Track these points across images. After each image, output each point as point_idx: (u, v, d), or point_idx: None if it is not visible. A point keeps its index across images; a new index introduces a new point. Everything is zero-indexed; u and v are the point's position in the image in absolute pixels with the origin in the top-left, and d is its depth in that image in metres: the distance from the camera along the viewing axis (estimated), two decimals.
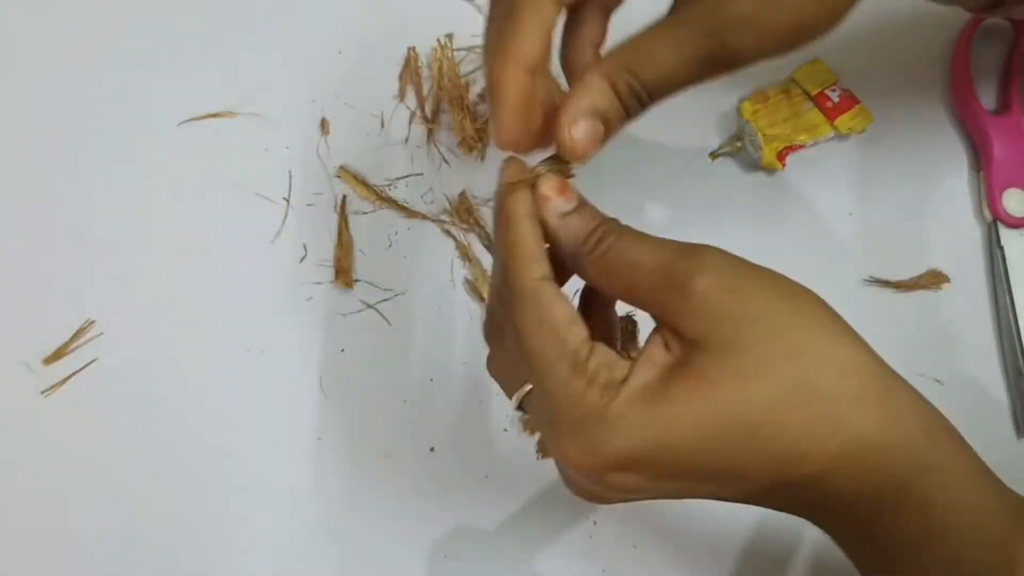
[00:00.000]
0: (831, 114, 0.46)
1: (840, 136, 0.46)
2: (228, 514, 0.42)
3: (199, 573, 0.42)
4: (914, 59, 0.48)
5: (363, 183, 0.46)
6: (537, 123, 0.30)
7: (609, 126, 0.30)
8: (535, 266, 0.28)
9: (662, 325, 0.28)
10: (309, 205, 0.46)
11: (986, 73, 0.48)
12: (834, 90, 0.46)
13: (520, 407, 0.30)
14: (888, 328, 0.44)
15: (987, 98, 0.48)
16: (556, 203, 0.29)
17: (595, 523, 0.42)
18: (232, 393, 0.44)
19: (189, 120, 0.47)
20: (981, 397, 0.44)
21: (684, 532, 0.42)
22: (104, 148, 0.46)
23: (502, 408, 0.44)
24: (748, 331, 0.26)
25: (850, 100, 0.46)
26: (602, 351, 0.28)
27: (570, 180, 0.31)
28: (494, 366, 0.32)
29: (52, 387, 0.43)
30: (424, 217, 0.45)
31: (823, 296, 0.44)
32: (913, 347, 0.44)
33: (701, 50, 0.29)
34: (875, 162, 0.48)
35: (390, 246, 0.46)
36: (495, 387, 0.44)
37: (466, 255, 0.45)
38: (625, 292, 0.28)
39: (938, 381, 0.44)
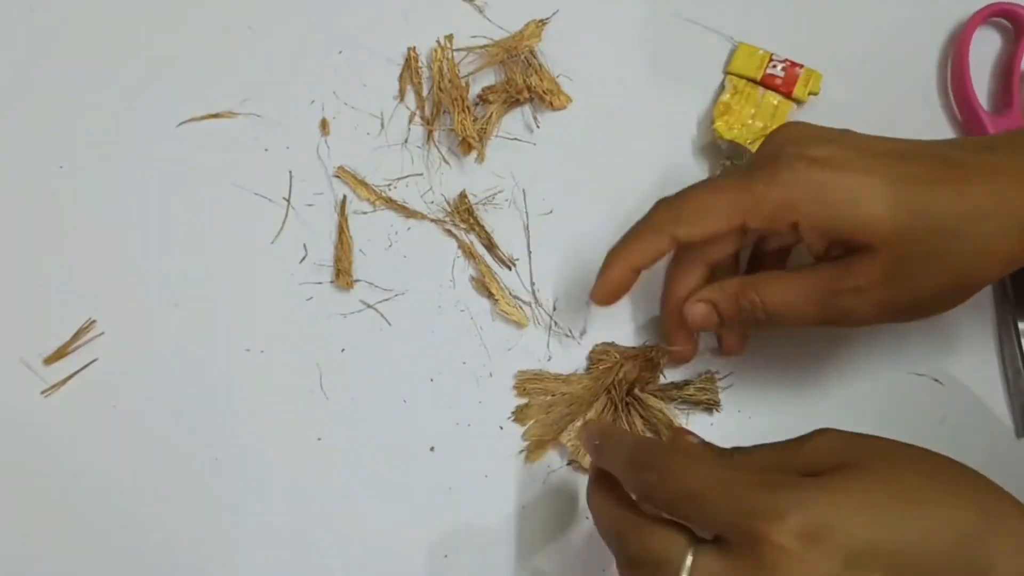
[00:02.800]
0: (784, 89, 0.46)
1: (802, 104, 0.46)
2: (228, 514, 0.42)
3: (199, 573, 0.42)
4: (913, 58, 0.48)
5: (363, 183, 0.46)
6: (613, 300, 0.40)
7: (721, 320, 0.39)
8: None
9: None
10: (309, 205, 0.46)
11: (986, 73, 0.48)
12: (774, 66, 0.46)
13: None
14: (888, 328, 0.44)
15: (987, 98, 0.48)
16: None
17: None
18: (232, 393, 0.44)
19: (189, 120, 0.47)
20: (981, 397, 0.44)
21: None
22: (104, 148, 0.46)
23: (502, 408, 0.44)
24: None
25: (794, 67, 0.46)
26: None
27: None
28: (655, 546, 0.31)
29: (52, 387, 0.43)
30: (424, 217, 0.45)
31: None
32: (913, 347, 0.44)
33: (820, 303, 0.36)
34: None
35: (390, 246, 0.46)
36: (495, 386, 0.44)
37: (470, 253, 0.45)
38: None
39: (938, 381, 0.44)
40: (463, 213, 0.45)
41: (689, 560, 0.29)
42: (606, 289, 0.40)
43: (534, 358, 0.44)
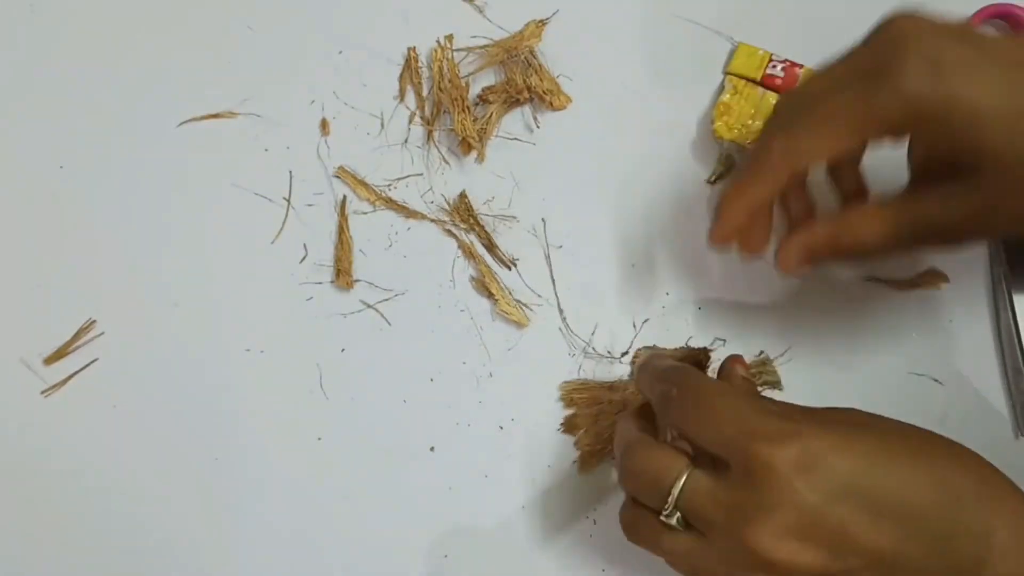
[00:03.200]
0: (784, 89, 0.45)
1: None
2: (228, 514, 0.42)
3: (199, 573, 0.42)
4: None
5: (363, 183, 0.46)
6: (734, 238, 0.38)
7: (813, 263, 0.37)
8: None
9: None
10: (309, 205, 0.46)
11: None
12: (774, 66, 0.46)
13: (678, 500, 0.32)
14: (887, 328, 0.44)
15: None
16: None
17: (595, 523, 0.43)
18: (232, 393, 0.44)
19: (189, 120, 0.47)
20: (981, 397, 0.44)
21: None
22: (104, 148, 0.46)
23: (502, 408, 0.44)
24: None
25: (793, 67, 0.46)
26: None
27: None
28: (653, 461, 0.33)
29: (53, 387, 0.43)
30: (424, 217, 0.45)
31: (821, 294, 0.44)
32: (913, 347, 0.44)
33: (919, 235, 0.35)
34: (874, 162, 0.48)
35: (390, 246, 0.46)
36: (495, 386, 0.44)
37: (470, 253, 0.45)
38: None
39: (937, 381, 0.44)
40: (463, 213, 0.45)
41: (684, 477, 0.31)
42: (725, 232, 0.37)
43: (535, 358, 0.44)
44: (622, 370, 0.44)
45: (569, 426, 0.43)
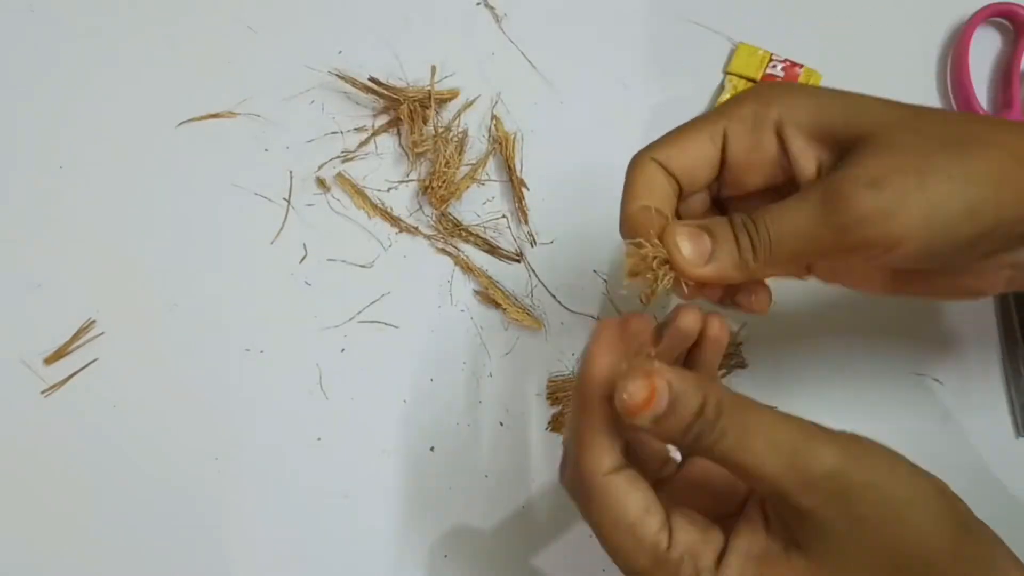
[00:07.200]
0: None
1: None
2: (228, 514, 0.42)
3: (198, 573, 0.42)
4: (913, 58, 0.48)
5: (360, 192, 0.46)
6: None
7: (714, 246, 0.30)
8: (606, 458, 0.27)
9: (767, 500, 0.27)
10: (309, 205, 0.46)
11: (986, 73, 0.48)
12: (774, 66, 0.46)
13: None
14: (888, 328, 0.44)
15: (987, 98, 0.48)
16: (646, 413, 0.26)
17: None
18: (232, 393, 0.44)
19: (189, 120, 0.47)
20: (981, 397, 0.44)
21: None
22: (104, 148, 0.46)
23: (502, 407, 0.44)
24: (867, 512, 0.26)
25: (793, 67, 0.46)
26: (682, 538, 0.27)
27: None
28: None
29: (52, 387, 0.43)
30: (416, 231, 0.45)
31: (821, 294, 0.44)
32: (913, 347, 0.44)
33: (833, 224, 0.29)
34: None
35: (390, 246, 0.46)
36: (494, 386, 0.44)
37: (467, 268, 0.45)
38: (734, 473, 0.27)
39: (938, 381, 0.44)
40: (450, 228, 0.45)
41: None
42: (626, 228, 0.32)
43: (534, 358, 0.44)
44: None
45: (556, 424, 0.43)
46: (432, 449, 0.43)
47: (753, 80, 0.46)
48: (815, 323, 0.45)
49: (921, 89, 0.48)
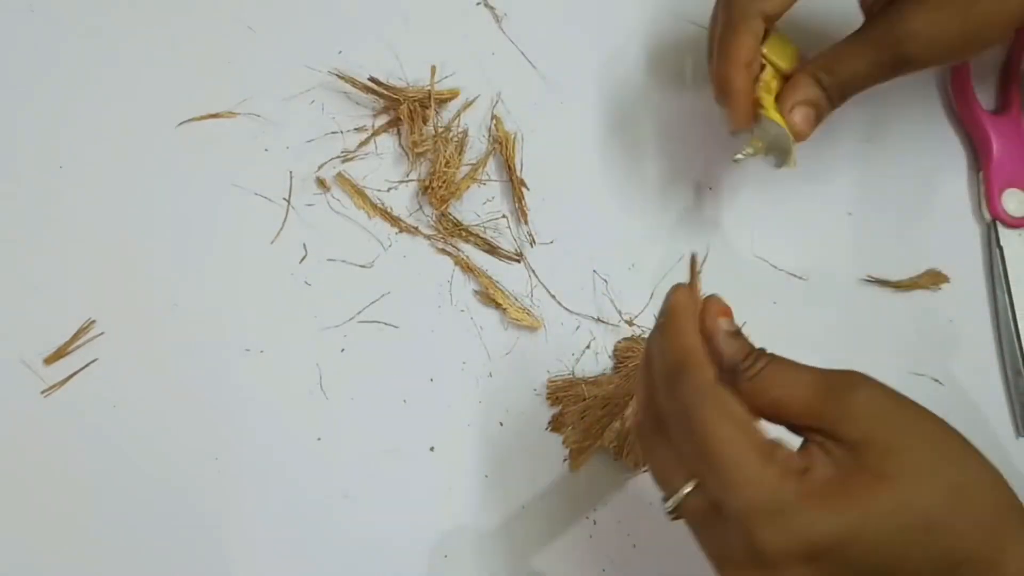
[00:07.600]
0: None
1: None
2: (228, 514, 0.42)
3: (198, 573, 0.42)
4: None
5: (360, 192, 0.46)
6: (751, 107, 0.39)
7: (819, 112, 0.39)
8: (711, 369, 0.30)
9: (817, 434, 0.30)
10: (309, 205, 0.46)
11: (986, 73, 0.48)
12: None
13: (674, 511, 0.31)
14: (887, 328, 0.44)
15: (987, 98, 0.48)
16: (723, 322, 0.32)
17: (595, 523, 0.43)
18: (232, 393, 0.44)
19: (189, 120, 0.47)
20: (981, 397, 0.44)
21: (684, 532, 0.42)
22: (104, 148, 0.46)
23: (502, 407, 0.44)
24: (911, 433, 0.29)
25: None
26: (783, 446, 0.29)
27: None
28: (658, 463, 0.32)
29: (52, 387, 0.43)
30: (416, 231, 0.45)
31: (821, 294, 0.44)
32: (912, 347, 0.44)
33: (883, 57, 0.39)
34: (875, 162, 0.48)
35: (390, 246, 0.46)
36: (494, 386, 0.44)
37: (468, 268, 0.45)
38: (776, 407, 0.30)
39: (938, 381, 0.44)
40: (450, 228, 0.45)
41: (685, 491, 0.30)
42: (738, 101, 0.39)
43: (535, 357, 0.44)
44: (605, 364, 0.44)
45: (556, 424, 0.43)
46: (432, 449, 0.43)
47: (783, 71, 0.43)
48: (814, 322, 0.45)
49: (921, 88, 0.48)
